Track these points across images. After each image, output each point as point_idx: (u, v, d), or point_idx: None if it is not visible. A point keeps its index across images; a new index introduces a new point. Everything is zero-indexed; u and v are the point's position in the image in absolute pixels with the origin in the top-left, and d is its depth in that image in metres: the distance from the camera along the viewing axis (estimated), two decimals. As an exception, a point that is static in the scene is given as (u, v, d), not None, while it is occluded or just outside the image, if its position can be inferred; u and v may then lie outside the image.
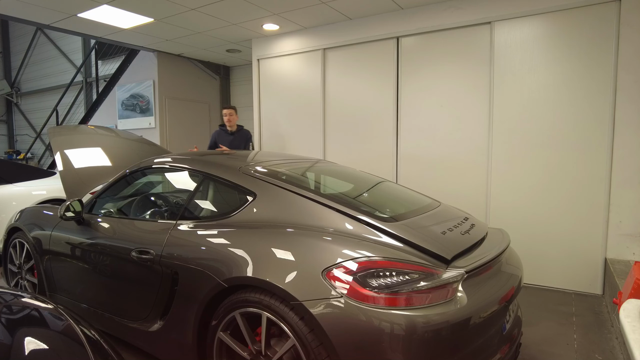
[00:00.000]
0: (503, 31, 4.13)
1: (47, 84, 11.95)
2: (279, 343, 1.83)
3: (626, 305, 2.12)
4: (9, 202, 4.50)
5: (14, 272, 3.46)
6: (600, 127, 3.74)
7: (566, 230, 3.91)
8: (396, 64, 4.78)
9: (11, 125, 13.48)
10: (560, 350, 2.77)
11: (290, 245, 1.91)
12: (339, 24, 5.14)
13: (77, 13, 4.87)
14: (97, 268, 2.67)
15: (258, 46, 5.94)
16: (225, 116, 5.34)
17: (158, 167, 2.84)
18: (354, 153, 5.12)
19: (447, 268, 1.80)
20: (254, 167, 2.49)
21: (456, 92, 4.42)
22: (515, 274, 2.17)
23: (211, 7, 4.66)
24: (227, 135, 5.36)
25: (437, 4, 4.46)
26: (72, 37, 10.64)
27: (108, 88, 7.96)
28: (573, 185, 3.87)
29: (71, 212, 2.73)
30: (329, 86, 5.32)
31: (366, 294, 1.65)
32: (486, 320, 1.79)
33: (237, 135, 5.38)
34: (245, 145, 5.36)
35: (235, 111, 5.40)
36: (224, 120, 5.36)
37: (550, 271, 3.99)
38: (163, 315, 2.27)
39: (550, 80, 3.93)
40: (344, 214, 2.02)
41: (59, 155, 3.27)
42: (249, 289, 1.88)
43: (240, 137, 5.39)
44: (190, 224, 2.30)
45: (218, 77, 8.00)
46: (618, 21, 3.63)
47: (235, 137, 5.35)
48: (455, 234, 2.15)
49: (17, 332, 1.27)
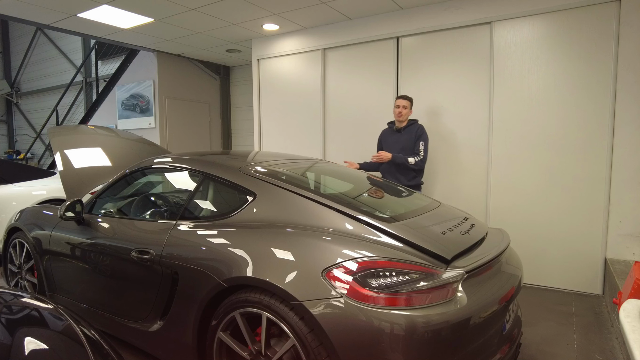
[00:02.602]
0: (503, 31, 4.13)
1: (47, 84, 11.95)
2: (278, 343, 1.83)
3: (626, 305, 2.12)
4: (9, 202, 4.50)
5: (13, 272, 3.46)
6: (600, 127, 3.74)
7: (566, 230, 3.91)
8: (396, 64, 4.78)
9: (11, 125, 13.48)
10: (560, 350, 2.77)
11: (290, 245, 1.91)
12: (339, 24, 5.14)
13: (77, 13, 4.87)
14: (97, 268, 2.67)
15: (258, 46, 5.94)
16: (396, 108, 4.07)
17: (158, 167, 2.84)
18: (354, 153, 5.11)
19: (447, 268, 1.80)
20: (253, 167, 2.48)
21: (456, 92, 4.42)
22: (515, 274, 2.17)
23: (211, 7, 4.66)
24: (393, 134, 4.19)
25: (437, 4, 4.46)
26: (72, 37, 10.64)
27: (108, 88, 7.96)
28: (573, 185, 3.86)
29: (71, 212, 2.73)
30: (329, 86, 5.32)
31: (366, 294, 1.65)
32: (486, 320, 1.80)
33: (404, 133, 4.09)
34: (414, 145, 4.00)
35: (411, 104, 4.09)
36: (394, 115, 4.14)
37: (550, 271, 3.99)
38: (163, 315, 2.27)
39: (551, 80, 3.93)
40: (344, 214, 2.02)
41: (58, 155, 3.26)
42: (248, 289, 1.88)
43: (408, 136, 4.06)
44: (190, 224, 2.30)
45: (218, 77, 8.00)
46: (618, 21, 3.63)
47: (401, 136, 4.09)
48: (455, 234, 2.15)
49: (17, 332, 1.27)
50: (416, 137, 4.02)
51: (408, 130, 4.08)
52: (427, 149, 4.01)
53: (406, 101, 4.07)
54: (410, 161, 3.91)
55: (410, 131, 4.06)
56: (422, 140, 4.02)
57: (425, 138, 4.04)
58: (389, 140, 4.19)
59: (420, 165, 3.98)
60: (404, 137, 4.08)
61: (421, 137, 4.03)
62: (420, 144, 4.00)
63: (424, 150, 4.00)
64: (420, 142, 4.00)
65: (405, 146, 4.05)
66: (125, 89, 7.55)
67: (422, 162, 3.99)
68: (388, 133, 4.26)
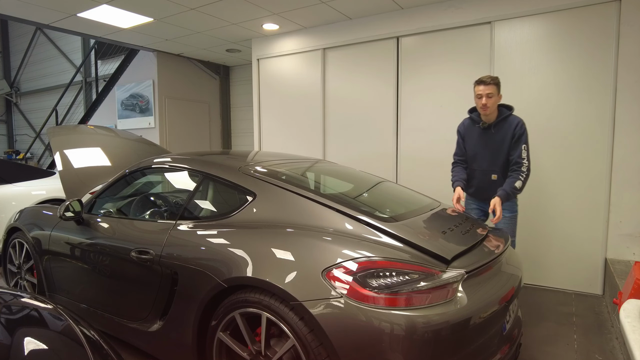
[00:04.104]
0: (503, 31, 4.13)
1: (46, 83, 11.94)
2: (278, 343, 1.83)
3: (626, 305, 2.12)
4: (9, 202, 4.49)
5: (13, 272, 3.46)
6: (600, 127, 3.74)
7: (566, 230, 3.90)
8: (396, 64, 4.78)
9: (10, 125, 13.47)
10: (560, 350, 2.77)
11: (290, 245, 1.91)
12: (339, 24, 5.14)
13: (77, 13, 4.87)
14: (97, 268, 2.67)
15: (258, 46, 5.93)
16: (478, 98, 2.96)
17: (158, 167, 2.84)
18: (354, 153, 5.11)
19: (447, 268, 1.79)
20: (253, 167, 2.48)
21: (456, 92, 4.41)
22: (515, 274, 2.17)
23: (211, 7, 4.66)
24: (479, 132, 3.07)
25: (437, 4, 4.46)
26: (72, 37, 10.63)
27: (107, 88, 7.96)
28: (573, 185, 3.86)
29: (71, 212, 2.73)
30: (329, 86, 5.32)
31: (366, 294, 1.65)
32: (486, 321, 1.79)
33: (496, 131, 2.99)
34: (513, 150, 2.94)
35: (497, 87, 2.94)
36: (477, 105, 3.02)
37: (550, 271, 3.99)
38: (163, 315, 2.26)
39: (551, 80, 3.93)
40: (344, 214, 2.02)
41: (58, 155, 3.26)
42: (248, 289, 1.88)
43: (502, 136, 2.97)
44: (189, 224, 2.30)
45: (218, 77, 7.99)
46: (618, 21, 3.62)
47: (493, 137, 3.00)
48: (455, 233, 2.15)
49: (16, 332, 1.27)
50: (515, 137, 2.93)
51: (501, 126, 2.97)
52: (529, 154, 2.94)
53: (490, 87, 2.90)
54: (517, 187, 2.87)
55: (506, 129, 2.96)
56: (524, 142, 2.92)
57: (526, 139, 2.95)
58: (475, 140, 3.09)
59: (526, 182, 2.92)
60: (496, 138, 2.98)
61: (521, 138, 2.92)
62: (523, 149, 2.90)
63: (527, 157, 2.91)
64: (523, 147, 2.90)
65: (497, 150, 2.98)
66: (124, 89, 7.55)
67: (527, 178, 2.92)
68: (472, 129, 3.12)
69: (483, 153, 3.05)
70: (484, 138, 3.04)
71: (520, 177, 2.88)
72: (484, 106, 2.93)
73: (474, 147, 3.11)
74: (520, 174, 2.88)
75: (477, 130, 3.08)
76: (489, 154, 3.02)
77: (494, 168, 3.03)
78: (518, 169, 2.90)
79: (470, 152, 3.13)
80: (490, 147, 3.01)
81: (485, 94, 2.90)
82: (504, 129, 2.97)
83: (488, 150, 3.02)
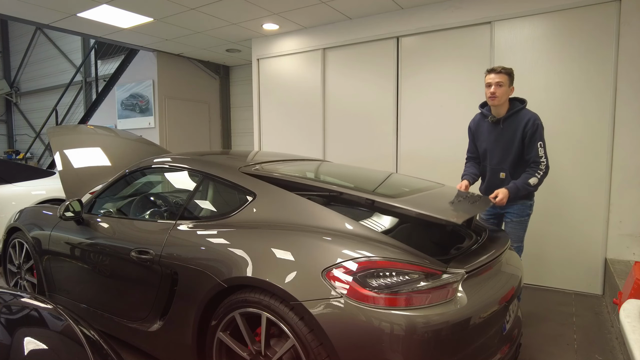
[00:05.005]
0: (503, 31, 4.12)
1: (46, 83, 11.94)
2: (278, 343, 1.83)
3: (626, 305, 2.12)
4: (9, 202, 4.49)
5: (13, 272, 3.46)
6: (600, 127, 3.74)
7: (566, 230, 3.90)
8: (396, 64, 4.78)
9: (10, 125, 13.47)
10: (560, 350, 2.77)
11: (290, 245, 1.90)
12: (339, 24, 5.14)
13: (77, 13, 4.87)
14: (97, 268, 2.67)
15: (258, 46, 5.93)
16: (487, 87, 2.81)
17: (157, 167, 2.83)
18: (354, 153, 5.11)
19: (447, 268, 1.79)
20: (253, 166, 2.48)
21: (456, 92, 4.41)
22: (515, 274, 2.17)
23: (211, 7, 4.66)
24: (489, 126, 2.94)
25: (437, 4, 4.46)
26: (72, 37, 10.63)
27: (107, 88, 7.96)
28: (573, 185, 3.86)
29: (70, 212, 2.73)
30: (329, 86, 5.31)
31: (366, 294, 1.65)
32: (486, 321, 1.79)
33: (506, 126, 2.84)
34: (527, 147, 2.78)
35: (510, 78, 2.79)
36: (486, 95, 2.85)
37: (550, 271, 3.99)
38: (163, 315, 2.26)
39: (551, 80, 3.93)
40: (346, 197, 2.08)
41: (58, 155, 3.26)
42: (248, 289, 1.88)
43: (512, 131, 2.81)
44: (189, 224, 2.30)
45: (218, 77, 7.99)
46: (618, 20, 3.62)
47: (503, 132, 2.85)
48: (463, 203, 2.28)
49: (16, 332, 1.27)
50: (527, 133, 2.75)
51: (512, 122, 2.81)
52: (546, 151, 2.77)
53: (501, 75, 2.74)
54: (532, 183, 2.73)
55: (516, 124, 2.79)
56: (539, 140, 2.73)
57: (541, 135, 2.76)
58: (485, 135, 2.95)
59: (542, 180, 2.77)
60: (506, 134, 2.82)
61: (535, 136, 2.73)
62: (539, 146, 2.73)
63: (544, 155, 2.74)
64: (538, 144, 2.73)
65: (506, 147, 2.83)
66: (124, 89, 7.54)
67: (545, 176, 2.77)
68: (482, 124, 2.98)
69: (493, 149, 2.92)
70: (494, 133, 2.91)
71: (537, 174, 2.74)
72: (492, 95, 2.77)
73: (484, 143, 2.98)
74: (538, 172, 2.74)
75: (487, 125, 2.94)
76: (498, 150, 2.89)
77: (502, 166, 2.90)
78: (536, 167, 2.76)
79: (481, 149, 3.02)
80: (500, 144, 2.88)
81: (495, 83, 2.76)
82: (514, 125, 2.81)
83: (498, 147, 2.89)
